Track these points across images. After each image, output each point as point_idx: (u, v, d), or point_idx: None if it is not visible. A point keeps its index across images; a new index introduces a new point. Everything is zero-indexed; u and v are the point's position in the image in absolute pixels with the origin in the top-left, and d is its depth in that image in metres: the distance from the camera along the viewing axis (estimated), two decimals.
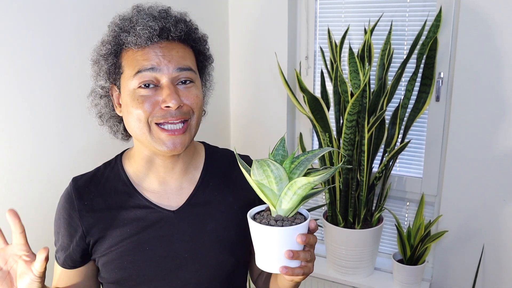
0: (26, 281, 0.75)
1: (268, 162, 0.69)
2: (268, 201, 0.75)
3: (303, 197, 0.73)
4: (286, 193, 0.71)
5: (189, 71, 0.84)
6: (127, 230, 0.89)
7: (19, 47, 1.14)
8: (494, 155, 1.62)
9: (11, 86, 1.13)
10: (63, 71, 1.26)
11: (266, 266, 0.75)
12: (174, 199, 0.92)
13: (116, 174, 0.93)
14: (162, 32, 0.82)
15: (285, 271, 0.72)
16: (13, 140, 1.15)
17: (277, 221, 0.74)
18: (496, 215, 1.66)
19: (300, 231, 0.73)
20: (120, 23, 0.85)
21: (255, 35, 1.95)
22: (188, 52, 0.86)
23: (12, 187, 1.16)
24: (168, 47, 0.83)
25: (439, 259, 1.82)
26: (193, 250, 0.90)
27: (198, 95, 0.86)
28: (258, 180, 0.73)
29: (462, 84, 1.61)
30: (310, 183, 0.68)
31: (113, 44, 0.85)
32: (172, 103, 0.80)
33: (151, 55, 0.81)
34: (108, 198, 0.90)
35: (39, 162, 1.22)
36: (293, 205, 0.73)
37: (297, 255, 0.72)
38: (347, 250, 1.78)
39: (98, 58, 0.88)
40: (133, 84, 0.82)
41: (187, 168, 0.93)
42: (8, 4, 1.10)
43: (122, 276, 0.88)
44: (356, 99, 1.54)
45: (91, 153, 1.37)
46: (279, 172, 0.70)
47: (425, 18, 1.67)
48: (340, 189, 1.75)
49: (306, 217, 0.77)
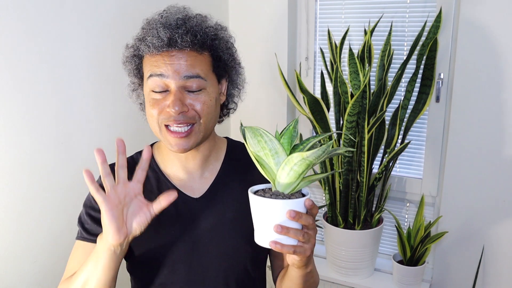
0: (141, 219, 0.81)
1: (260, 131, 0.71)
2: (267, 176, 0.76)
3: (301, 174, 0.73)
4: (284, 168, 0.73)
5: (197, 78, 0.87)
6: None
7: (19, 47, 1.14)
8: (494, 156, 1.62)
9: (11, 86, 1.13)
10: (63, 71, 1.26)
11: (260, 239, 0.77)
12: (197, 187, 0.99)
13: None
14: (170, 42, 0.86)
15: (275, 246, 0.74)
16: (13, 140, 1.15)
17: (272, 195, 0.76)
18: (496, 216, 1.66)
19: (291, 206, 0.73)
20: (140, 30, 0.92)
21: (255, 36, 1.95)
22: (199, 59, 0.89)
23: (12, 187, 1.16)
24: (177, 56, 0.87)
25: (439, 260, 1.81)
26: (213, 237, 0.96)
27: (206, 101, 0.89)
28: (255, 152, 0.74)
29: (462, 85, 1.61)
30: (304, 159, 0.69)
31: (135, 48, 0.92)
32: (175, 110, 0.85)
33: (160, 63, 0.87)
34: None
35: (39, 162, 1.22)
36: (291, 181, 0.74)
37: (287, 231, 0.74)
38: (347, 251, 1.78)
39: (124, 60, 0.95)
40: (148, 86, 0.89)
41: (208, 160, 1.00)
42: (7, 4, 1.10)
43: (148, 256, 0.95)
44: (356, 100, 1.54)
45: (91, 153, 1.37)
46: (274, 145, 0.72)
47: (425, 19, 1.67)
48: (340, 190, 1.75)
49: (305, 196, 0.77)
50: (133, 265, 0.99)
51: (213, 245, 0.96)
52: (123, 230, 0.80)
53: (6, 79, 1.11)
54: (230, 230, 0.97)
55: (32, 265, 1.23)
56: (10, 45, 1.11)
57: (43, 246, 1.25)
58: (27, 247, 1.21)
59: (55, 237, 1.28)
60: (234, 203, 0.99)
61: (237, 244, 0.98)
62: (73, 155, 1.32)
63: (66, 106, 1.28)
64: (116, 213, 0.78)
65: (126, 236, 0.80)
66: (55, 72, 1.24)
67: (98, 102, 1.38)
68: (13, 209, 1.17)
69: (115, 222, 0.78)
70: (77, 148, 1.33)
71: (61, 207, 1.29)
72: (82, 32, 1.31)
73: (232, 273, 0.98)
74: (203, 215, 0.97)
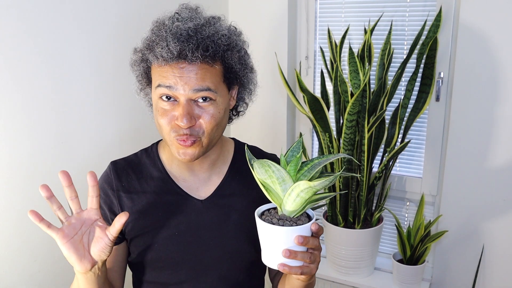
0: (100, 245, 0.79)
1: (268, 163, 0.71)
2: (273, 200, 0.77)
3: (307, 200, 0.74)
4: (290, 194, 0.73)
5: (207, 91, 0.85)
6: (159, 214, 0.95)
7: (19, 47, 1.14)
8: (494, 154, 1.62)
9: (11, 86, 1.13)
10: (63, 71, 1.26)
11: (268, 261, 0.78)
12: (203, 189, 0.99)
13: (152, 160, 1.00)
14: (180, 55, 0.83)
15: (283, 268, 0.76)
16: (13, 140, 1.15)
17: (280, 220, 0.77)
18: (496, 215, 1.66)
19: (299, 232, 0.75)
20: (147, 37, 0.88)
21: (255, 35, 1.95)
22: (210, 72, 0.85)
23: (12, 187, 1.16)
24: (187, 68, 0.84)
25: (439, 259, 1.82)
26: (217, 238, 0.97)
27: (214, 114, 0.87)
28: (262, 179, 0.75)
29: (462, 84, 1.61)
30: (311, 187, 0.70)
31: (143, 54, 0.89)
32: (183, 123, 0.84)
33: (169, 74, 0.84)
34: (144, 182, 0.97)
35: (39, 162, 1.22)
36: (297, 207, 0.76)
37: (295, 255, 0.75)
38: (347, 250, 1.78)
39: (132, 63, 0.94)
40: (156, 94, 0.88)
41: (215, 162, 1.00)
42: (7, 4, 1.10)
43: (151, 256, 0.95)
44: (356, 99, 1.54)
45: (91, 153, 1.37)
46: (281, 174, 0.72)
47: (425, 18, 1.67)
48: (340, 189, 1.75)
49: (311, 219, 0.78)
50: (136, 264, 1.00)
51: (216, 247, 0.97)
52: (88, 258, 0.79)
53: (6, 79, 1.11)
54: (234, 232, 0.98)
55: (32, 265, 1.23)
56: (10, 45, 1.11)
57: (43, 246, 1.25)
58: (27, 247, 1.21)
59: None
60: (239, 206, 0.99)
61: (240, 246, 0.98)
62: (73, 155, 1.32)
63: (66, 106, 1.28)
64: (74, 245, 0.77)
65: (93, 263, 0.79)
66: (55, 72, 1.24)
67: (98, 102, 1.38)
68: (13, 209, 1.17)
69: (75, 253, 0.77)
70: (77, 148, 1.33)
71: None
72: (83, 32, 1.30)
73: (233, 274, 0.99)
74: (208, 217, 0.97)
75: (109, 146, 1.43)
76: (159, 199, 0.96)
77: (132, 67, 0.95)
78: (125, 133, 1.47)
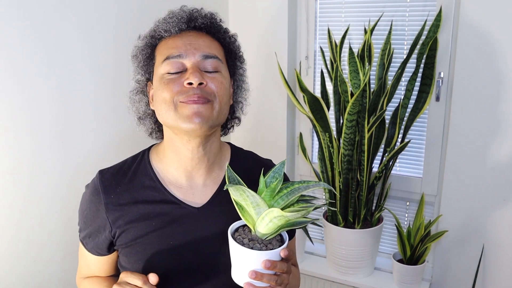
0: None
1: (243, 189, 0.72)
2: (247, 222, 0.78)
3: (280, 226, 0.75)
4: (263, 219, 0.74)
5: (215, 59, 0.88)
6: (152, 223, 0.91)
7: (19, 47, 1.14)
8: (494, 154, 1.62)
9: (11, 86, 1.13)
10: (64, 71, 1.26)
11: (236, 278, 0.80)
12: (199, 196, 0.95)
13: (143, 168, 0.95)
14: (189, 20, 0.89)
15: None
16: (13, 140, 1.15)
17: (250, 241, 0.77)
18: (496, 215, 1.66)
19: (267, 257, 0.75)
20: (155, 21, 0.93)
21: (255, 35, 1.95)
22: (215, 44, 0.91)
23: (12, 187, 1.16)
24: (195, 36, 0.89)
25: (439, 259, 1.82)
26: (214, 247, 0.93)
27: (223, 82, 0.89)
28: (237, 200, 0.76)
29: (462, 84, 1.61)
30: (283, 216, 0.72)
31: (149, 37, 0.92)
32: (194, 80, 0.83)
33: (179, 43, 0.88)
34: (135, 192, 0.92)
35: (39, 161, 1.22)
36: (270, 231, 0.76)
37: (261, 277, 0.75)
38: (347, 250, 1.78)
39: (136, 52, 0.94)
40: (162, 69, 0.88)
41: (212, 166, 0.96)
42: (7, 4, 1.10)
43: (145, 267, 0.91)
44: (356, 99, 1.54)
45: (91, 153, 1.37)
46: (255, 199, 0.73)
47: (425, 18, 1.67)
48: (340, 189, 1.75)
49: (284, 242, 0.79)
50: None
51: (214, 256, 0.93)
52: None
53: (6, 79, 1.11)
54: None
55: (32, 264, 1.23)
56: (10, 45, 1.11)
57: (43, 246, 1.25)
58: (27, 247, 1.21)
59: (55, 237, 1.28)
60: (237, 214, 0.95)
61: None
62: (73, 155, 1.32)
63: (67, 106, 1.28)
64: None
65: None
66: (56, 72, 1.24)
67: (98, 101, 1.38)
68: (13, 209, 1.17)
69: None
70: (77, 148, 1.33)
71: (61, 206, 1.29)
72: (83, 32, 1.30)
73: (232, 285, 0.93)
74: (204, 225, 0.93)
75: (109, 145, 1.43)
76: (151, 208, 0.92)
77: (134, 57, 0.94)
78: (125, 133, 1.47)
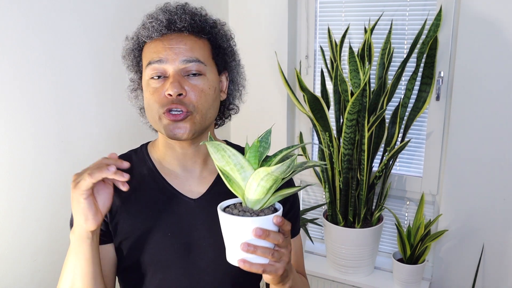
0: (104, 195, 0.81)
1: (222, 146, 0.68)
2: (236, 191, 0.73)
3: (268, 189, 0.70)
4: (251, 183, 0.69)
5: (196, 62, 0.86)
6: (150, 213, 0.92)
7: (19, 47, 1.14)
8: (494, 154, 1.62)
9: (11, 86, 1.13)
10: (64, 70, 1.26)
11: (230, 258, 0.74)
12: (196, 187, 0.95)
13: (141, 159, 0.96)
14: (169, 24, 0.86)
15: (243, 265, 0.71)
16: (13, 139, 1.15)
17: (240, 211, 0.72)
18: (496, 214, 1.66)
19: (258, 224, 0.69)
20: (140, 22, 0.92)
21: (255, 34, 1.95)
22: (199, 45, 0.88)
23: (13, 187, 1.16)
24: (177, 39, 0.86)
25: (439, 258, 1.82)
26: (210, 239, 0.92)
27: (204, 89, 0.87)
28: (221, 166, 0.71)
29: (462, 83, 1.61)
30: (269, 174, 0.66)
31: (134, 39, 0.91)
32: (173, 91, 0.83)
33: (160, 48, 0.86)
34: (134, 181, 0.93)
35: (39, 161, 1.22)
36: (259, 197, 0.71)
37: (254, 250, 0.70)
38: (347, 249, 1.78)
39: (124, 54, 0.94)
40: (146, 74, 0.88)
41: (208, 158, 0.96)
42: (8, 3, 1.10)
43: (141, 259, 0.91)
44: (356, 98, 1.54)
45: (91, 153, 1.37)
46: (238, 160, 0.69)
47: (425, 17, 1.67)
48: (340, 188, 1.75)
49: (277, 211, 0.73)
50: (126, 270, 0.95)
51: (210, 249, 0.92)
52: (98, 213, 0.79)
53: (6, 78, 1.11)
54: None
55: (32, 264, 1.23)
56: (11, 44, 1.11)
57: (43, 245, 1.25)
58: (27, 247, 1.21)
59: (55, 237, 1.28)
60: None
61: None
62: (73, 155, 1.31)
63: (67, 105, 1.28)
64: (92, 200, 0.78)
65: (101, 217, 0.79)
66: (56, 72, 1.24)
67: (99, 101, 1.38)
68: (13, 209, 1.17)
69: (92, 208, 0.77)
70: (77, 148, 1.33)
71: (61, 206, 1.29)
72: (83, 31, 1.30)
73: (228, 278, 0.94)
74: (200, 217, 0.93)
75: (109, 145, 1.43)
76: (149, 197, 0.92)
77: (124, 58, 0.94)
78: (125, 133, 1.47)
